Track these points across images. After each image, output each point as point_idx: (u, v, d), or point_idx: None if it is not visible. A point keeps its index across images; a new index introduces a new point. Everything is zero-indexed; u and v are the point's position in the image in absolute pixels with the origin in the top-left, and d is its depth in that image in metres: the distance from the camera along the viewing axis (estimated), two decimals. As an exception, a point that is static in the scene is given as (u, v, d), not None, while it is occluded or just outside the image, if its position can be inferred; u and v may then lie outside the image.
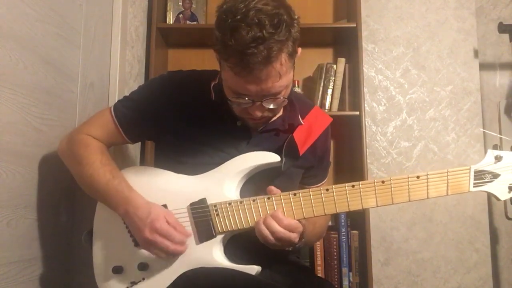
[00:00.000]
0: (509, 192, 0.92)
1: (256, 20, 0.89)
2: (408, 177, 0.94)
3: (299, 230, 0.98)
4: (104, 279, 1.05)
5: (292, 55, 0.96)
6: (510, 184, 0.91)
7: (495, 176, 0.92)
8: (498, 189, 0.92)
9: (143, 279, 1.02)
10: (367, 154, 1.98)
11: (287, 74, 0.97)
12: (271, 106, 1.01)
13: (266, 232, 0.95)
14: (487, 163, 0.92)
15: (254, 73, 0.92)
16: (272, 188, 1.00)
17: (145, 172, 1.12)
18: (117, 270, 1.03)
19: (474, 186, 0.92)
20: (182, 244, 1.00)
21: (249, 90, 0.95)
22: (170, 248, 0.98)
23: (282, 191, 1.00)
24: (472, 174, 0.92)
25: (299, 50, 1.01)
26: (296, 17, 0.97)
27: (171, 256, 1.01)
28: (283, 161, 1.05)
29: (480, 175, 0.92)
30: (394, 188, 0.95)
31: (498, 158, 0.92)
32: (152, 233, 0.97)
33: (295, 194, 0.99)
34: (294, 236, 0.97)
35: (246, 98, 0.98)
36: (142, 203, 1.01)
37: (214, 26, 0.97)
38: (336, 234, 1.92)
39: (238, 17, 0.90)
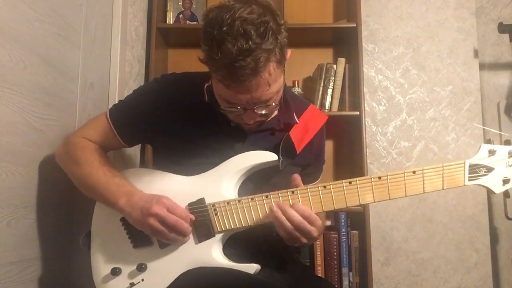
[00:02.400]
0: (503, 185, 0.93)
1: (242, 31, 0.88)
2: (404, 172, 0.96)
3: (318, 223, 0.97)
4: (103, 281, 1.05)
5: (280, 61, 0.96)
6: (504, 177, 0.92)
7: (489, 169, 0.93)
8: (492, 182, 0.93)
9: (142, 280, 1.02)
10: (367, 154, 1.98)
11: (276, 81, 0.97)
12: (263, 112, 1.01)
13: (287, 224, 0.94)
14: (481, 157, 0.93)
15: (243, 84, 0.92)
16: (296, 177, 1.00)
17: (143, 174, 1.12)
18: (116, 272, 1.03)
19: (469, 180, 0.93)
20: (186, 220, 0.99)
21: (240, 100, 0.96)
22: (176, 221, 0.96)
23: (279, 189, 1.01)
24: (467, 168, 0.93)
25: (289, 52, 1.01)
26: (283, 22, 0.96)
27: (176, 235, 0.99)
28: (281, 160, 1.05)
29: (474, 169, 0.93)
30: (391, 184, 0.96)
31: (491, 152, 0.93)
32: (161, 207, 0.97)
33: (293, 192, 1.00)
34: (314, 230, 0.96)
35: (238, 107, 0.99)
36: (145, 193, 1.03)
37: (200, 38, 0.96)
38: (336, 234, 1.92)
39: (224, 28, 0.89)
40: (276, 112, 1.14)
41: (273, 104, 1.00)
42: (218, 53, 0.89)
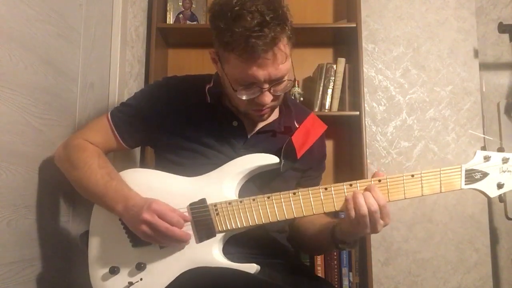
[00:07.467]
0: (498, 189, 0.95)
1: (255, 8, 0.94)
2: (403, 176, 0.97)
3: (388, 221, 0.95)
4: (100, 280, 1.04)
5: (290, 38, 1.01)
6: (499, 182, 0.95)
7: (484, 174, 0.96)
8: (487, 187, 0.96)
9: (141, 279, 1.02)
10: (367, 154, 1.98)
11: (288, 56, 1.01)
12: (278, 92, 1.04)
13: (364, 209, 0.92)
14: (476, 162, 0.96)
15: (262, 56, 0.95)
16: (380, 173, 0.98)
17: (144, 174, 1.12)
18: (114, 271, 1.02)
19: (465, 184, 0.96)
20: (179, 226, 0.98)
21: (257, 76, 0.98)
22: (167, 229, 0.95)
23: (279, 191, 1.01)
24: (464, 172, 0.96)
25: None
26: (285, 3, 1.02)
27: (170, 241, 0.98)
28: (282, 162, 1.06)
29: (470, 174, 0.96)
30: (390, 186, 0.97)
31: (486, 158, 0.96)
32: (150, 214, 0.95)
33: (294, 193, 1.00)
34: (381, 224, 0.94)
35: (255, 87, 1.00)
36: (141, 198, 1.01)
37: (211, 25, 1.01)
38: (336, 234, 1.92)
39: (237, 8, 0.94)
40: (277, 115, 1.17)
41: (286, 80, 1.03)
42: (238, 27, 0.93)
